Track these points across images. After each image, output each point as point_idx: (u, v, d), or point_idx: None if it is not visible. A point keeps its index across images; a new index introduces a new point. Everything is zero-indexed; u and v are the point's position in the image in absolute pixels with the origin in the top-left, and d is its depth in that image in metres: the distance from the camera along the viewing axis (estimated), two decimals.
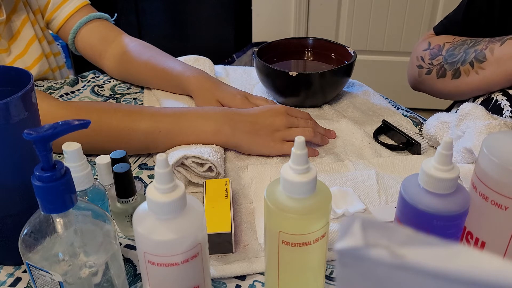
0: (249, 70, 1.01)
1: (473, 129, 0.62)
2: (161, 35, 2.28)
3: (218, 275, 0.51)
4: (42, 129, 0.36)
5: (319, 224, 0.39)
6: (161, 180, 0.36)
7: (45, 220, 0.39)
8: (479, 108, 0.64)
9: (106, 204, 0.52)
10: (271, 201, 0.39)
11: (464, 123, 0.65)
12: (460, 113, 0.65)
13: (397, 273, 0.19)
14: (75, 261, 0.40)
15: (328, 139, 0.75)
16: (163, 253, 0.37)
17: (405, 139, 0.72)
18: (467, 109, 0.65)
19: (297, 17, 2.10)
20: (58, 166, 0.37)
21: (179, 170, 0.64)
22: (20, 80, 0.46)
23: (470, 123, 0.64)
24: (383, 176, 0.65)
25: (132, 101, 0.88)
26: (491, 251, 0.45)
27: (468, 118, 0.64)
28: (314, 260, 0.42)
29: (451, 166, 0.39)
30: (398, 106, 0.88)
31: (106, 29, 0.93)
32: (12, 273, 0.52)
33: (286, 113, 0.72)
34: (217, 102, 0.78)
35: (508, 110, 0.71)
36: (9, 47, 0.87)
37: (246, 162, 0.70)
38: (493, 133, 0.60)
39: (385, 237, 0.20)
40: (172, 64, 0.85)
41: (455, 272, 0.18)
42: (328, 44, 0.94)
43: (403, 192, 0.42)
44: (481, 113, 0.64)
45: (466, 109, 0.65)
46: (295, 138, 0.37)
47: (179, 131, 0.67)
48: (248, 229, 0.57)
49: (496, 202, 0.42)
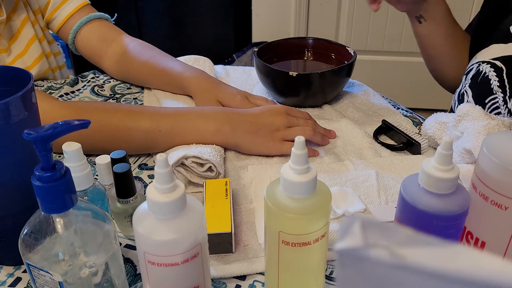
0: (249, 70, 1.01)
1: (472, 130, 0.62)
2: (161, 35, 2.28)
3: (218, 275, 0.51)
4: (42, 129, 0.36)
5: (319, 224, 0.39)
6: (161, 180, 0.36)
7: (45, 220, 0.39)
8: (477, 109, 0.64)
9: (106, 204, 0.52)
10: (271, 201, 0.39)
11: (463, 123, 0.64)
12: (458, 113, 0.65)
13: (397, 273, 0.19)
14: (75, 261, 0.40)
15: (328, 139, 0.75)
16: (163, 253, 0.37)
17: (405, 139, 0.72)
18: (465, 109, 0.65)
19: (297, 17, 2.10)
20: (58, 166, 0.37)
21: (179, 170, 0.64)
22: (20, 80, 0.46)
23: (469, 124, 0.63)
24: (383, 176, 0.65)
25: (132, 101, 0.88)
26: (491, 251, 0.45)
27: (466, 118, 0.64)
28: (314, 260, 0.42)
29: (451, 166, 0.39)
30: (398, 106, 0.88)
31: (106, 29, 0.93)
32: (12, 273, 0.52)
33: (286, 113, 0.72)
34: (217, 102, 0.78)
35: (495, 80, 0.74)
36: (9, 47, 0.87)
37: (246, 162, 0.70)
38: (493, 133, 0.60)
39: (385, 237, 0.20)
40: (172, 64, 0.85)
41: (455, 272, 0.18)
42: (328, 44, 0.94)
43: (403, 192, 0.42)
44: (479, 114, 0.64)
45: (464, 109, 0.65)
46: (295, 138, 0.37)
47: (179, 130, 0.67)
48: (248, 229, 0.57)
49: (496, 202, 0.42)
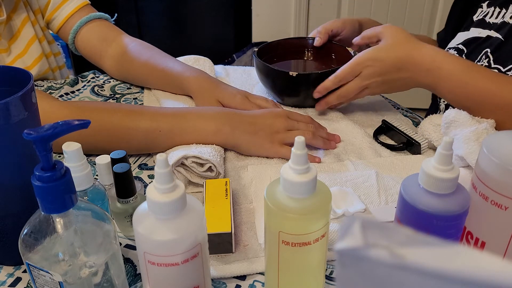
0: (249, 70, 1.01)
1: (461, 137, 0.61)
2: (161, 35, 2.28)
3: (218, 275, 0.51)
4: (42, 129, 0.36)
5: (319, 224, 0.39)
6: (161, 180, 0.36)
7: (45, 220, 0.39)
8: (462, 114, 0.64)
9: (106, 204, 0.52)
10: (271, 201, 0.39)
11: (451, 130, 0.64)
12: (445, 121, 0.65)
13: (397, 273, 0.19)
14: (75, 261, 0.40)
15: (335, 143, 0.73)
16: (163, 253, 0.37)
17: (405, 139, 0.72)
18: (450, 116, 0.64)
19: (297, 17, 2.10)
20: (58, 166, 0.37)
21: (179, 170, 0.64)
22: (20, 80, 0.46)
23: (457, 131, 0.63)
24: (383, 176, 0.65)
25: (132, 101, 0.88)
26: (491, 251, 0.45)
27: (454, 125, 0.64)
28: (314, 260, 0.42)
29: (451, 166, 0.39)
30: (398, 106, 0.88)
31: (106, 29, 0.93)
32: (12, 273, 0.52)
33: (287, 116, 0.72)
34: (217, 102, 0.78)
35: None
36: (9, 47, 0.87)
37: (246, 162, 0.70)
38: (493, 133, 0.60)
39: (385, 237, 0.20)
40: (172, 64, 0.85)
41: (455, 272, 0.18)
42: (328, 44, 0.94)
43: (403, 192, 0.42)
44: (465, 119, 0.63)
45: (450, 116, 0.64)
46: (295, 138, 0.37)
47: (179, 130, 0.67)
48: (248, 229, 0.57)
49: (496, 202, 0.42)
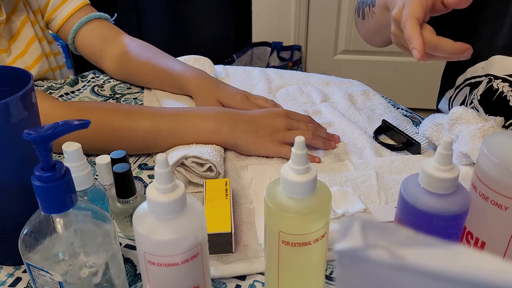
0: (249, 70, 1.00)
1: (467, 133, 0.61)
2: (161, 35, 2.27)
3: (218, 275, 0.51)
4: (42, 129, 0.36)
5: (319, 224, 0.39)
6: (161, 180, 0.36)
7: (45, 220, 0.39)
8: (469, 112, 0.64)
9: (106, 204, 0.52)
10: (271, 201, 0.39)
11: (457, 127, 0.64)
12: (451, 117, 0.65)
13: (397, 273, 0.19)
14: (75, 261, 0.40)
15: (335, 143, 0.73)
16: (163, 253, 0.37)
17: (405, 139, 0.72)
18: (457, 113, 0.65)
19: (297, 17, 2.10)
20: (58, 166, 0.37)
21: (179, 170, 0.64)
22: (20, 80, 0.46)
23: (463, 127, 0.63)
24: (383, 176, 0.65)
25: (132, 101, 0.88)
26: (491, 251, 0.45)
27: (460, 122, 0.64)
28: (314, 260, 0.42)
29: (451, 166, 0.39)
30: (398, 106, 0.88)
31: (106, 29, 0.93)
32: (12, 273, 0.52)
33: (287, 115, 0.72)
34: (217, 102, 0.78)
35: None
36: (9, 47, 0.87)
37: (246, 162, 0.70)
38: (493, 133, 0.60)
39: (385, 237, 0.20)
40: (172, 64, 0.85)
41: (455, 272, 0.18)
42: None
43: (403, 192, 0.42)
44: (472, 116, 0.64)
45: (457, 113, 0.65)
46: (295, 138, 0.37)
47: (179, 130, 0.67)
48: (248, 229, 0.57)
49: (496, 202, 0.42)
